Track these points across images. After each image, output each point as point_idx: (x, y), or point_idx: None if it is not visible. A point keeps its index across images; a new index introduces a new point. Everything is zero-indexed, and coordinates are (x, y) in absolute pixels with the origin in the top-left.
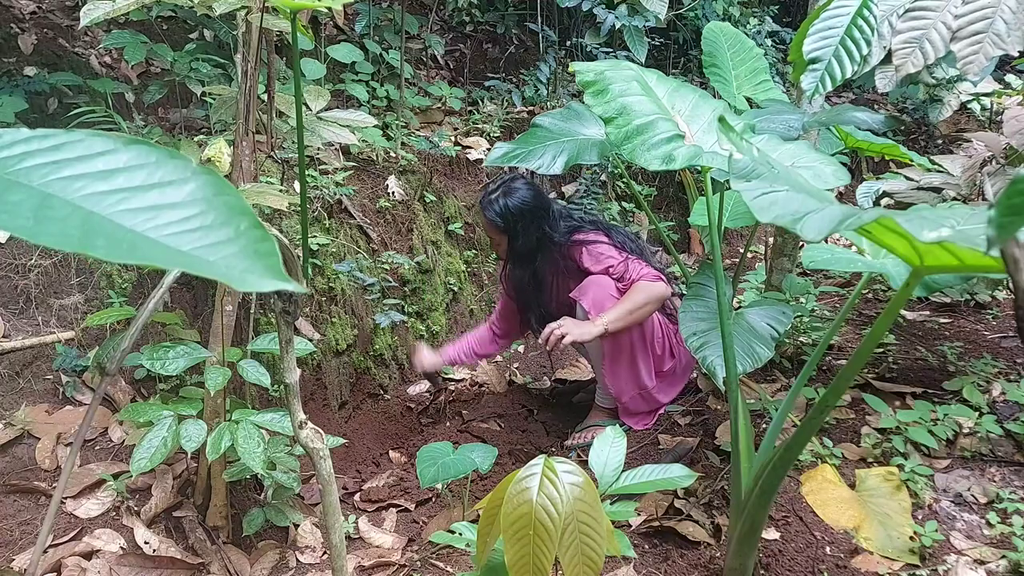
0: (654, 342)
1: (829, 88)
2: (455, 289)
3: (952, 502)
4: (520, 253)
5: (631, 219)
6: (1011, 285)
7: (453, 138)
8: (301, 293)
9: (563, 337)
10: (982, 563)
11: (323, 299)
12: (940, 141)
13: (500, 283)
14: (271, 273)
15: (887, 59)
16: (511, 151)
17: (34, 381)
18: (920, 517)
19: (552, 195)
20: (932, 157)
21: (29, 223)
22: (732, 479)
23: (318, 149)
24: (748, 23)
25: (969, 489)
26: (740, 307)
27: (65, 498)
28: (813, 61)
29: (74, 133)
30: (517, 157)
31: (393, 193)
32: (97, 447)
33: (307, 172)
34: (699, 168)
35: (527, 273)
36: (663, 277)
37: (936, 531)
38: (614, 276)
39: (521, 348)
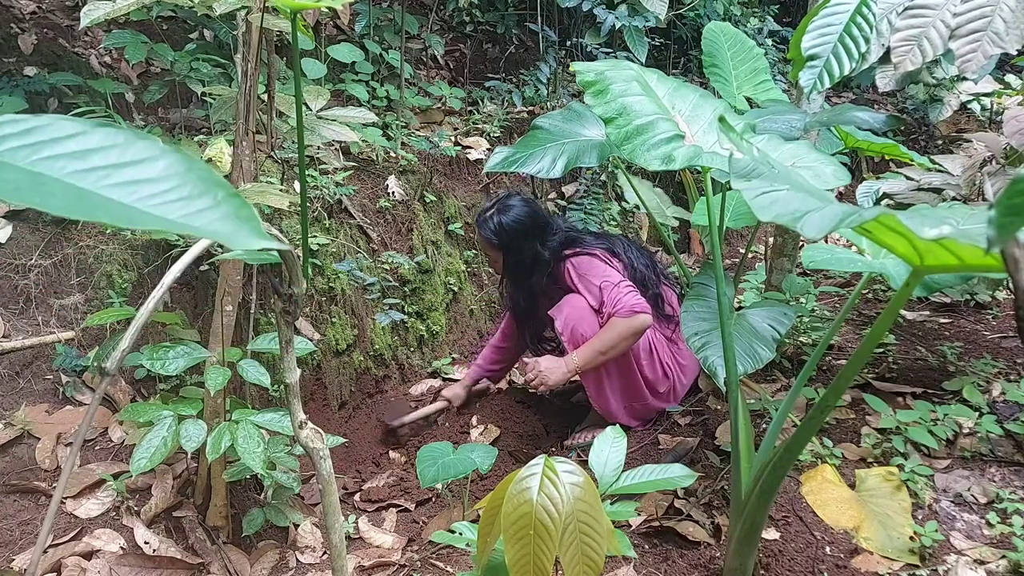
0: (642, 367)
1: (827, 85)
2: (455, 289)
3: (952, 502)
4: (515, 270)
5: (631, 219)
6: (1011, 285)
7: (453, 138)
8: (300, 293)
9: (540, 386)
10: (982, 563)
11: (323, 299)
12: (940, 141)
13: (501, 298)
14: (256, 234)
15: (886, 57)
16: (510, 155)
17: (34, 381)
18: (920, 517)
19: (552, 195)
20: (932, 157)
21: (33, 196)
22: (732, 479)
23: (318, 149)
24: (748, 23)
25: (969, 489)
26: (741, 307)
27: (65, 498)
28: (811, 58)
29: (42, 117)
30: (517, 162)
31: (393, 193)
32: (97, 447)
33: (307, 172)
34: (699, 168)
35: (523, 290)
36: (646, 308)
37: (936, 531)
38: (592, 303)
39: None
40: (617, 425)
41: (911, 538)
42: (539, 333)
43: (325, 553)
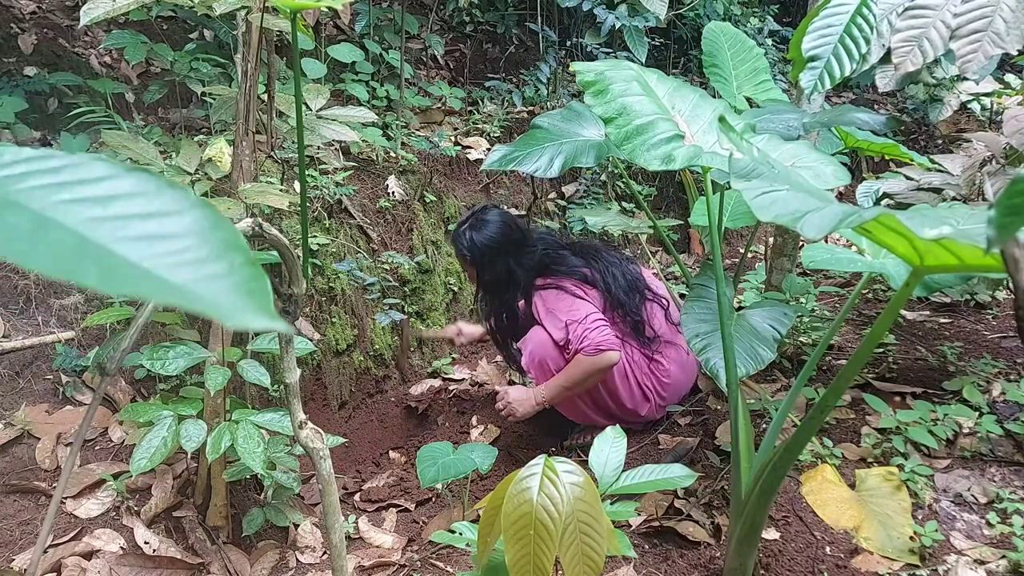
0: (617, 392)
1: (828, 86)
2: (455, 289)
3: (952, 502)
4: (490, 286)
5: (631, 219)
6: (1011, 285)
7: (453, 138)
8: (300, 293)
9: (509, 416)
10: (982, 563)
11: (323, 299)
12: (940, 141)
13: (478, 313)
14: (263, 312)
15: (886, 57)
16: (508, 154)
17: (34, 381)
18: (920, 517)
19: (552, 195)
20: (932, 157)
21: (24, 247)
22: (732, 479)
23: (318, 148)
24: (748, 23)
25: (969, 489)
26: (741, 307)
27: (65, 498)
28: (812, 59)
29: (76, 156)
30: (514, 160)
31: (393, 193)
32: (97, 447)
33: (307, 172)
34: (699, 168)
35: (498, 306)
36: (613, 345)
37: (936, 531)
38: (556, 338)
39: None
40: (617, 425)
41: (911, 538)
42: (513, 352)
43: (325, 553)
